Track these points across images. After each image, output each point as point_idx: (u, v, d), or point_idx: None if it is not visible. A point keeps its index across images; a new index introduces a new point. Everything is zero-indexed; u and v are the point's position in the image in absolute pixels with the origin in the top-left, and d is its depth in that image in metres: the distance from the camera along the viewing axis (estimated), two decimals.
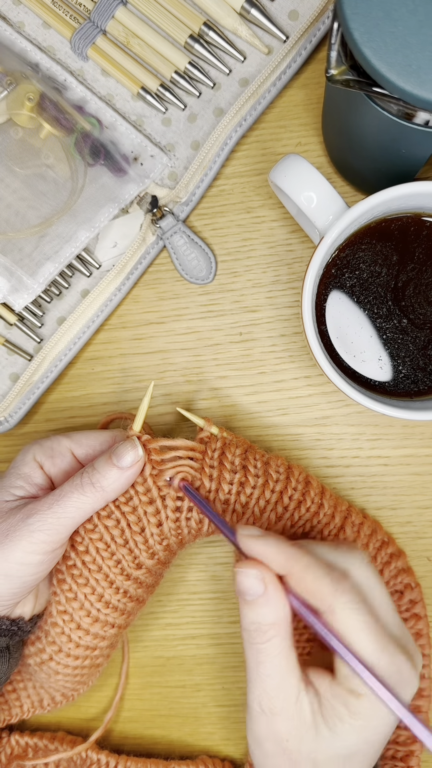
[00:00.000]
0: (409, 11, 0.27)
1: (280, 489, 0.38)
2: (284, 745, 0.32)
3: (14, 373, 0.44)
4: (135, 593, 0.38)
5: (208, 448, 0.38)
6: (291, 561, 0.31)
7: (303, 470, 0.39)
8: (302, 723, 0.31)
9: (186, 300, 0.44)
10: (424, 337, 0.37)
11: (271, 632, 0.31)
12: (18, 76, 0.41)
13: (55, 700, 0.43)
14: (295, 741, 0.31)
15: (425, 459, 0.43)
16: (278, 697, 0.31)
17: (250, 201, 0.43)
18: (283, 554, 0.32)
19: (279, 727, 0.31)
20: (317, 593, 0.31)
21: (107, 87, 0.43)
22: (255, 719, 0.32)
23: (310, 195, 0.34)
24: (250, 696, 0.32)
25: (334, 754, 0.31)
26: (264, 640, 0.31)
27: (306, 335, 0.35)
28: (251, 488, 0.37)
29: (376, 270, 0.37)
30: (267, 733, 0.32)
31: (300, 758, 0.32)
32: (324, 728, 0.31)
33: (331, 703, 0.31)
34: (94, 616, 0.38)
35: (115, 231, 0.43)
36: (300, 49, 0.41)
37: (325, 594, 0.30)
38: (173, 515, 0.37)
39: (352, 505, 0.42)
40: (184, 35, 0.41)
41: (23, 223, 0.41)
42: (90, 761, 0.44)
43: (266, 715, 0.32)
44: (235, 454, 0.38)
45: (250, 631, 0.32)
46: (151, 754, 0.45)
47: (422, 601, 0.41)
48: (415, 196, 0.34)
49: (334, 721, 0.31)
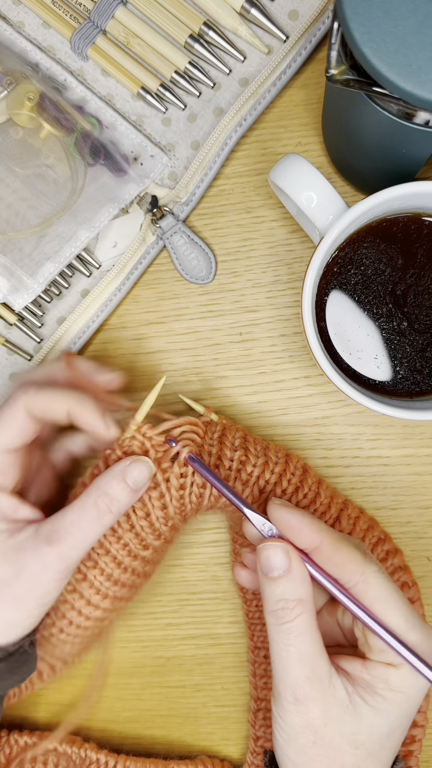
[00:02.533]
0: (409, 11, 0.27)
1: (279, 471, 0.38)
2: (322, 733, 0.31)
3: (14, 373, 0.44)
4: (142, 570, 0.39)
5: (208, 430, 0.38)
6: (323, 533, 0.32)
7: (300, 459, 0.40)
8: (339, 705, 0.31)
9: (186, 300, 0.44)
10: (422, 339, 0.37)
11: (299, 608, 0.31)
12: (18, 76, 0.41)
13: (54, 669, 0.43)
14: (334, 725, 0.31)
15: (425, 459, 0.43)
16: (312, 681, 0.31)
17: (250, 201, 0.43)
18: (317, 526, 0.32)
19: (315, 714, 0.31)
20: (350, 564, 0.31)
21: (107, 87, 0.43)
22: (288, 711, 0.31)
23: (310, 195, 0.34)
24: (281, 686, 0.31)
25: (377, 731, 0.31)
26: (293, 617, 0.31)
27: (306, 335, 0.35)
28: (252, 466, 0.38)
29: (376, 270, 0.37)
30: (302, 723, 0.31)
31: (340, 743, 0.31)
32: (363, 707, 0.31)
33: (369, 681, 0.31)
34: (104, 593, 0.38)
35: (115, 231, 0.43)
36: (300, 49, 0.41)
37: (357, 564, 0.31)
38: (177, 494, 0.37)
39: (349, 500, 0.42)
40: (184, 35, 0.41)
41: (23, 223, 0.42)
42: (89, 760, 0.44)
43: (301, 703, 0.31)
44: (236, 436, 0.39)
45: (276, 610, 0.32)
46: (150, 754, 0.45)
47: (420, 600, 0.41)
48: (415, 196, 0.33)
49: (375, 698, 0.31)
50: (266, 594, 0.32)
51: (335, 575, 0.32)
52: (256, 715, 0.44)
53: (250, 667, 0.44)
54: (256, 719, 0.44)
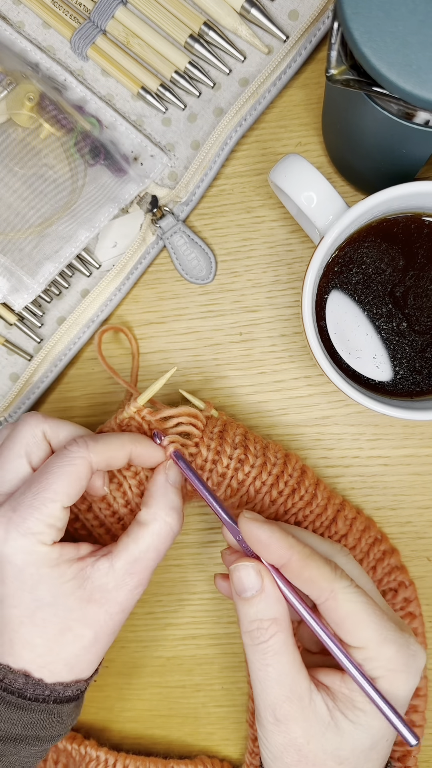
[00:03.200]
0: (409, 11, 0.27)
1: (276, 473, 0.38)
2: (305, 751, 0.31)
3: (14, 373, 0.44)
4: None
5: (208, 424, 0.38)
6: (293, 549, 0.31)
7: (300, 459, 0.40)
8: (320, 722, 0.31)
9: (186, 300, 0.44)
10: (421, 340, 0.37)
11: (274, 627, 0.31)
12: (18, 76, 0.41)
13: None
14: (316, 742, 0.31)
15: (425, 459, 0.43)
16: (292, 700, 0.31)
17: (250, 201, 0.43)
18: (285, 541, 0.31)
19: (297, 734, 0.31)
20: (318, 580, 0.31)
21: (107, 87, 0.43)
22: (270, 732, 0.31)
23: (310, 195, 0.34)
24: (261, 707, 0.31)
25: (359, 746, 0.31)
26: (267, 637, 0.31)
27: (306, 335, 0.35)
28: (250, 467, 0.38)
29: (377, 270, 0.37)
30: (285, 743, 0.31)
31: (324, 759, 0.31)
32: (345, 722, 0.31)
33: (348, 695, 0.31)
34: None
35: (115, 231, 0.43)
36: (300, 49, 0.41)
37: (326, 580, 0.31)
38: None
39: (347, 501, 0.42)
40: (184, 35, 0.41)
41: (23, 223, 0.41)
42: (89, 757, 0.44)
43: (282, 723, 0.31)
44: (236, 432, 0.39)
45: (252, 631, 0.31)
46: (150, 753, 0.45)
47: (417, 600, 0.41)
48: (415, 196, 0.33)
49: (356, 713, 0.31)
50: (241, 614, 0.32)
51: (305, 591, 0.31)
52: (255, 715, 0.44)
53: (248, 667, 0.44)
54: (255, 719, 0.44)
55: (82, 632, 0.33)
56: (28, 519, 0.32)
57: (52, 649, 0.33)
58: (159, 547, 0.34)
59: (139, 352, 0.44)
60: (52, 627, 0.32)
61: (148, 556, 0.34)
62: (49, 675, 0.33)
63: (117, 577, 0.33)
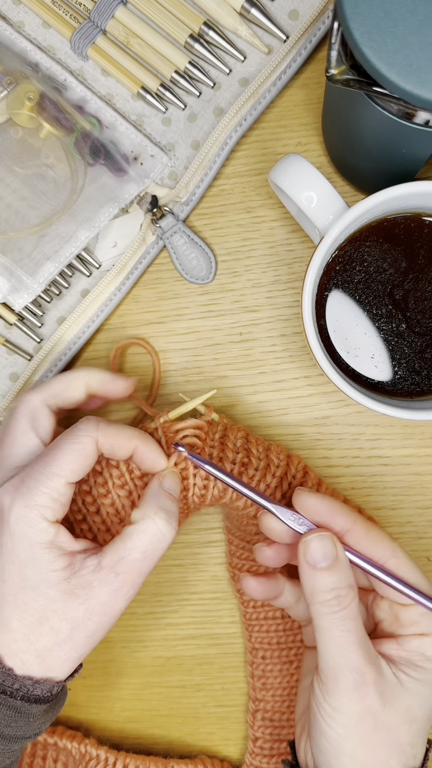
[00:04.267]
0: (409, 11, 0.27)
1: (280, 475, 0.38)
2: (381, 717, 0.32)
3: (14, 373, 0.44)
4: None
5: (209, 431, 0.38)
6: (353, 515, 0.34)
7: (302, 460, 0.40)
8: (390, 685, 0.32)
9: (186, 300, 0.44)
10: (421, 342, 0.37)
11: (352, 593, 0.33)
12: (18, 76, 0.41)
13: None
14: (390, 706, 0.32)
15: (425, 459, 0.43)
16: (370, 664, 0.32)
17: (250, 201, 0.43)
18: (347, 508, 0.34)
19: (374, 698, 0.32)
20: (383, 539, 0.34)
21: (107, 87, 0.43)
22: (348, 700, 0.32)
23: (310, 195, 0.34)
24: (340, 674, 0.32)
25: (426, 702, 0.33)
26: (348, 602, 0.32)
27: (306, 335, 0.35)
28: (254, 470, 0.38)
29: (377, 269, 0.37)
30: (362, 710, 0.32)
31: (398, 722, 0.32)
32: (409, 681, 0.33)
33: (406, 657, 0.33)
34: None
35: (115, 231, 0.43)
36: (300, 48, 0.41)
37: (388, 540, 0.34)
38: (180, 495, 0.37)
39: (348, 500, 0.42)
40: (184, 35, 0.41)
41: (23, 222, 0.41)
42: (89, 756, 0.44)
43: (362, 687, 0.32)
44: (237, 436, 0.39)
45: (329, 600, 0.32)
46: (150, 753, 0.45)
47: None
48: (415, 196, 0.33)
49: (417, 671, 0.33)
50: (317, 585, 0.33)
51: (368, 554, 0.34)
52: (255, 716, 0.44)
53: (247, 668, 0.44)
54: (255, 720, 0.44)
55: (59, 626, 0.32)
56: (33, 490, 0.32)
57: (28, 637, 0.32)
58: (146, 548, 0.33)
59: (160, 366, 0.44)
60: (31, 613, 0.32)
61: (134, 555, 0.33)
62: (20, 665, 0.32)
63: (101, 576, 0.33)
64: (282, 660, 0.44)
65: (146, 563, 0.33)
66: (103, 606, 0.33)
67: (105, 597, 0.33)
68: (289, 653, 0.43)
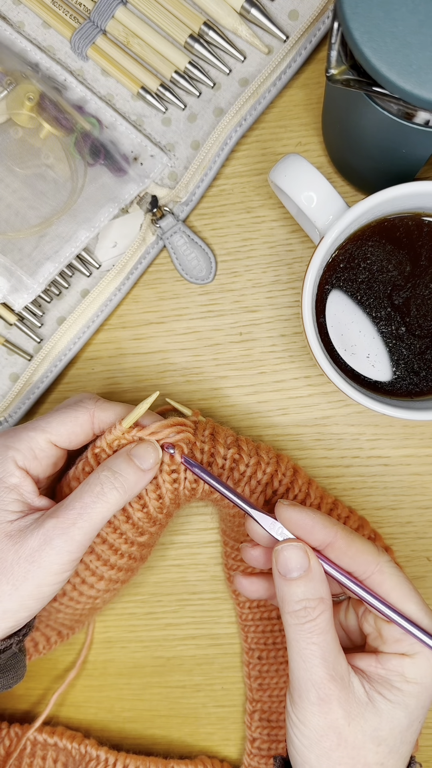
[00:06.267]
0: (409, 11, 0.27)
1: (270, 472, 0.38)
2: (345, 734, 0.31)
3: (14, 373, 0.44)
4: (138, 554, 0.40)
5: (198, 428, 0.38)
6: (335, 527, 0.32)
7: (291, 459, 0.40)
8: (359, 703, 0.31)
9: (186, 300, 0.44)
10: (420, 343, 0.37)
11: (321, 606, 0.32)
12: (18, 76, 0.41)
13: (49, 640, 0.44)
14: (356, 724, 0.31)
15: (425, 459, 0.43)
16: (335, 680, 0.31)
17: (250, 201, 0.43)
18: (328, 521, 0.33)
19: (338, 714, 0.31)
20: (365, 554, 0.32)
21: (107, 87, 0.43)
22: (311, 714, 0.31)
23: (310, 195, 0.34)
24: (303, 687, 0.31)
25: (398, 725, 0.32)
26: (315, 615, 0.31)
27: (306, 335, 0.35)
28: (245, 466, 0.38)
29: (377, 269, 0.37)
30: (325, 725, 0.31)
31: (363, 741, 0.31)
32: (382, 702, 0.31)
33: (384, 675, 0.32)
34: (99, 575, 0.39)
35: (115, 231, 0.43)
36: (300, 49, 0.41)
37: (372, 554, 0.32)
38: (171, 487, 0.37)
39: (339, 500, 0.42)
40: (184, 35, 0.41)
41: (23, 223, 0.41)
42: (89, 756, 0.44)
43: (325, 703, 0.31)
44: (228, 434, 0.39)
45: (298, 611, 0.32)
46: (150, 753, 0.46)
47: None
48: (415, 196, 0.33)
49: (392, 692, 0.32)
50: (287, 595, 0.32)
51: (350, 568, 0.32)
52: (252, 716, 0.44)
53: (244, 668, 0.44)
54: (252, 721, 0.44)
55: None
56: (15, 436, 0.35)
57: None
58: (84, 498, 0.33)
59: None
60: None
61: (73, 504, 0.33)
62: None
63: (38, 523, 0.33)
64: (278, 660, 0.44)
65: (84, 518, 0.33)
66: (33, 552, 0.33)
67: (36, 541, 0.33)
68: (286, 654, 0.43)
